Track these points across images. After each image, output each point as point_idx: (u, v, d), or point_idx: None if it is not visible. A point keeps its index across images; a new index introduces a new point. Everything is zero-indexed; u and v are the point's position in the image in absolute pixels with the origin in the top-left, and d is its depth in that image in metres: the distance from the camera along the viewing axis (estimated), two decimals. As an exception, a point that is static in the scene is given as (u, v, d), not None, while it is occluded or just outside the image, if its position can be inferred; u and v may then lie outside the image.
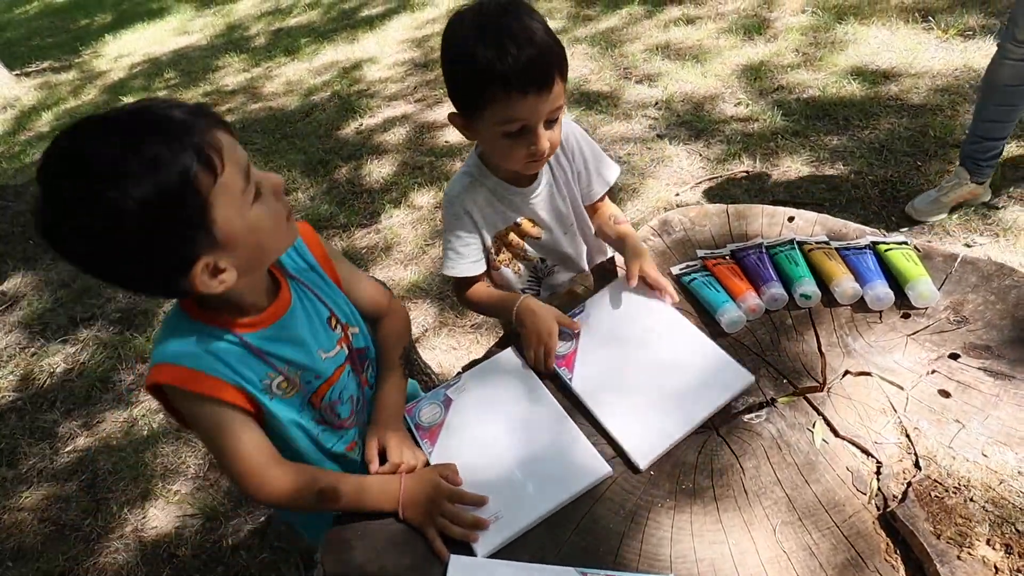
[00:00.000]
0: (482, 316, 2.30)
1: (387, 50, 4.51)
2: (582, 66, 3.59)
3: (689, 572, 0.79)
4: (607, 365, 1.04)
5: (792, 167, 2.57)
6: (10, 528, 1.99)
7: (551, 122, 1.03)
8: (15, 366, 2.55)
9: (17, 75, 5.51)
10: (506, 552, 0.85)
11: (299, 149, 3.56)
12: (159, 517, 1.93)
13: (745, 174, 2.60)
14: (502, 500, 0.89)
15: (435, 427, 1.00)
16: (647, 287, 1.10)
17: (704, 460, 0.90)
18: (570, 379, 1.02)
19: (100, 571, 1.83)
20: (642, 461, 0.90)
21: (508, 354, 1.09)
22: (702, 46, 3.48)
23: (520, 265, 1.28)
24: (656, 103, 3.13)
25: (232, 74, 4.82)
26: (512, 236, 1.22)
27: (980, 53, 2.81)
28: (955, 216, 2.19)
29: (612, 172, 1.28)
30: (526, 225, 1.21)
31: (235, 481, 0.95)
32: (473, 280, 1.24)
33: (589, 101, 3.28)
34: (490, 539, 0.86)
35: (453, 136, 3.32)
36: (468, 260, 1.21)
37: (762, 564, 0.78)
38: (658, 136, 2.91)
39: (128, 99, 4.58)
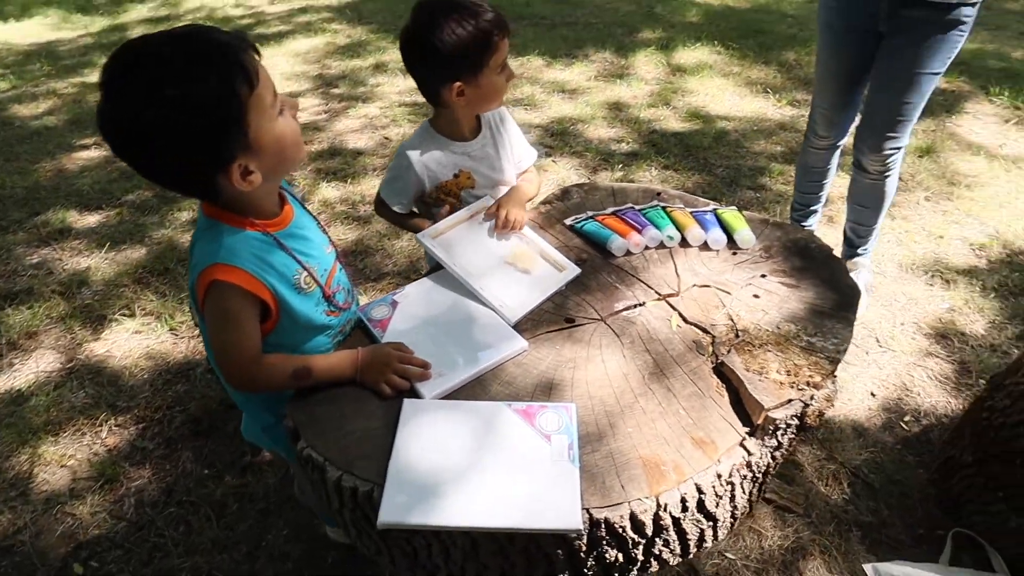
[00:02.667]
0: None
1: (283, 68, 4.68)
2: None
3: (584, 405, 1.08)
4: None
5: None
6: None
7: None
8: None
9: None
10: (446, 399, 1.09)
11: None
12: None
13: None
14: (441, 364, 1.13)
15: (385, 320, 1.23)
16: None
17: (596, 338, 1.21)
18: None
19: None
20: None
21: (442, 272, 1.35)
22: (574, 85, 4.11)
23: (453, 207, 1.55)
24: (536, 127, 3.63)
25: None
26: (451, 186, 1.51)
27: (802, 120, 3.58)
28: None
29: (533, 150, 1.62)
30: (463, 176, 1.50)
31: (227, 369, 1.09)
32: (391, 209, 1.52)
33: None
34: (434, 388, 1.09)
35: (360, 142, 3.59)
36: (396, 199, 1.51)
37: (635, 396, 1.09)
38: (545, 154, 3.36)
39: None
